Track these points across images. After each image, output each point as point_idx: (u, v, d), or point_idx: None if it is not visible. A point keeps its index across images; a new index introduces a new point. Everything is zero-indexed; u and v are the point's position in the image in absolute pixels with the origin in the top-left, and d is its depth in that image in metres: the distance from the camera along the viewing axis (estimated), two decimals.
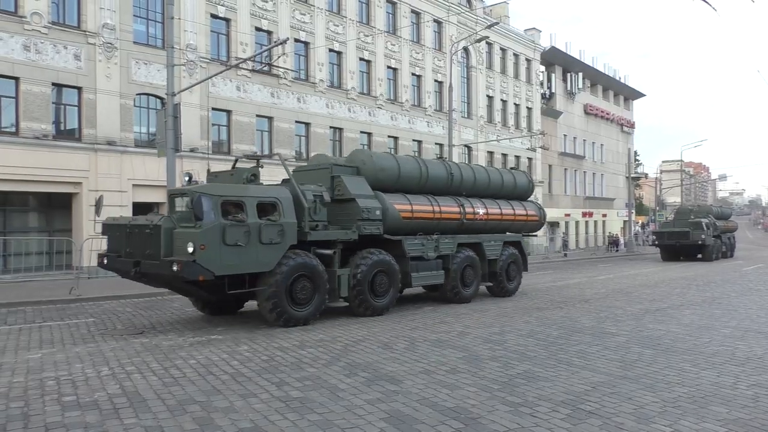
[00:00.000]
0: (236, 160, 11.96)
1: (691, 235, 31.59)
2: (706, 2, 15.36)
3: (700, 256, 32.19)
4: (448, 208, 13.36)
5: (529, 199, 16.70)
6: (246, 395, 5.92)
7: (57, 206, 20.27)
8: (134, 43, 20.86)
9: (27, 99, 18.25)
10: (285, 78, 25.38)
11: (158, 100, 21.27)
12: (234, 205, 9.50)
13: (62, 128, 19.63)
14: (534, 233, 17.38)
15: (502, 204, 15.00)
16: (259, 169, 10.92)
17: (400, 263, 12.00)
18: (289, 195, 10.24)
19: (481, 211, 14.17)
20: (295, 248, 10.09)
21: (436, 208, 12.98)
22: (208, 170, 12.18)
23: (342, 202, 11.50)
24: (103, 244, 10.84)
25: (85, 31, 19.65)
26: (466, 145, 35.93)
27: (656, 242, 33.79)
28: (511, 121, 40.72)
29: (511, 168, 17.07)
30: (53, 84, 19.00)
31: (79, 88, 19.58)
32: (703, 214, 35.20)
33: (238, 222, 9.29)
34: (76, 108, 19.62)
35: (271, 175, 15.21)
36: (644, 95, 62.50)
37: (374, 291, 11.32)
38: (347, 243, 11.28)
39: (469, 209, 13.85)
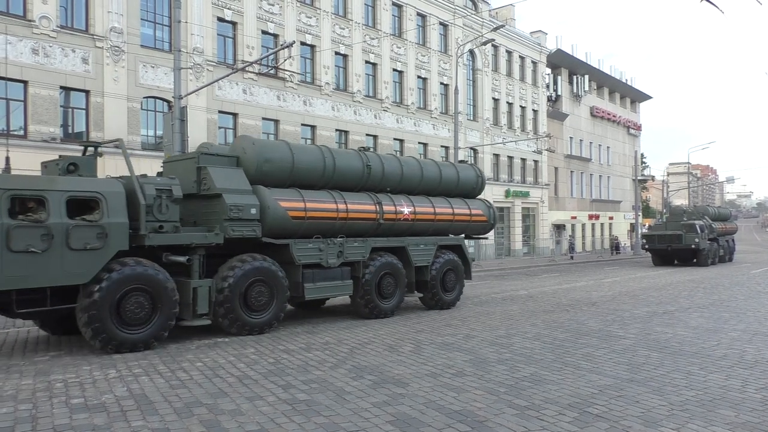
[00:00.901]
0: (85, 148, 9.66)
1: (684, 238, 29.08)
2: (713, 4, 15.30)
3: (695, 260, 30.05)
4: (360, 206, 11.34)
5: (479, 197, 14.82)
6: (252, 398, 5.93)
7: None
8: (141, 46, 20.96)
9: (35, 102, 18.37)
10: (291, 81, 25.45)
11: (165, 103, 21.37)
12: (34, 202, 7.78)
13: (70, 131, 19.72)
14: (483, 236, 15.16)
15: (437, 202, 13.04)
16: (98, 158, 9.29)
17: (289, 272, 10.27)
18: (121, 190, 8.45)
19: (407, 210, 12.15)
20: (133, 255, 8.44)
21: (342, 206, 10.98)
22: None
23: (210, 198, 9.73)
24: None
25: (93, 35, 19.77)
26: (472, 148, 35.92)
27: (646, 246, 31.17)
28: (517, 124, 40.67)
29: (461, 161, 15.22)
30: (61, 87, 19.12)
31: (87, 92, 19.70)
32: (698, 216, 32.55)
33: (32, 222, 7.56)
34: (84, 111, 19.73)
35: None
36: (651, 97, 62.32)
37: (249, 305, 9.54)
38: (219, 249, 9.60)
39: (389, 208, 11.81)
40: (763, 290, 17.04)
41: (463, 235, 14.17)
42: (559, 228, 45.31)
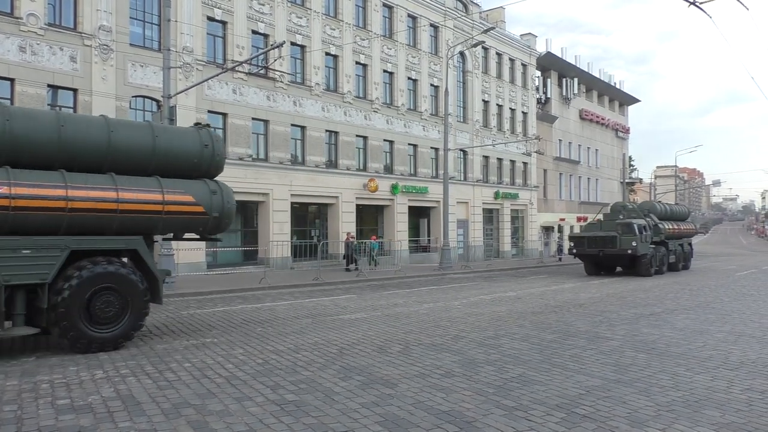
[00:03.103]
0: None
1: (620, 242, 23.54)
2: (701, 9, 15.46)
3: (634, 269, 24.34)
4: None
5: (216, 177, 10.04)
6: (241, 398, 5.91)
7: None
8: (130, 45, 20.85)
9: (22, 100, 18.19)
10: (281, 81, 25.40)
11: (154, 102, 21.26)
12: None
13: None
14: (211, 237, 10.22)
15: (81, 180, 8.24)
16: None
17: None
18: None
19: None
20: None
21: None
22: None
23: None
24: None
25: (81, 33, 19.64)
26: (461, 150, 36.02)
27: (574, 251, 25.23)
28: (506, 126, 40.85)
29: (197, 124, 10.46)
30: (49, 86, 18.97)
31: (75, 90, 19.55)
32: (641, 213, 26.30)
33: None
34: (72, 110, 19.56)
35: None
36: (639, 101, 62.85)
37: None
38: None
39: None
40: (748, 292, 17.22)
41: (141, 236, 8.99)
42: (547, 230, 45.54)
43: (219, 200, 9.53)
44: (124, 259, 8.87)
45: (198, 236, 10.14)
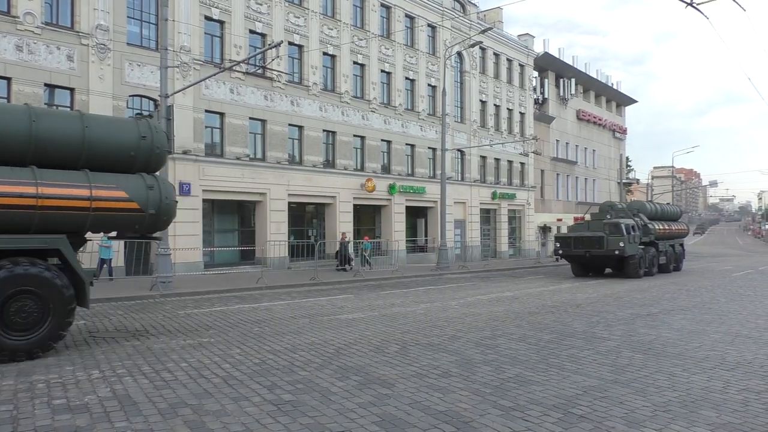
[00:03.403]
0: None
1: (607, 242, 22.72)
2: (698, 10, 15.49)
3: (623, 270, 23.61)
4: None
5: (156, 172, 9.39)
6: (238, 398, 5.91)
7: None
8: (128, 44, 20.80)
9: (19, 100, 18.13)
10: (278, 81, 25.38)
11: (151, 101, 21.22)
12: None
13: None
14: (149, 236, 9.81)
15: None
16: None
17: None
18: None
19: None
20: None
21: None
22: None
23: None
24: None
25: (78, 32, 19.59)
26: (459, 150, 36.04)
27: (560, 252, 24.52)
28: (503, 126, 40.89)
29: (138, 114, 10.21)
30: (46, 85, 18.92)
31: (72, 89, 19.51)
32: (629, 213, 25.37)
33: None
34: (69, 109, 19.52)
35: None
36: (636, 101, 62.96)
37: None
38: None
39: None
40: (744, 293, 17.26)
41: (64, 235, 8.18)
42: (544, 230, 45.59)
43: (156, 196, 8.85)
44: (56, 260, 8.21)
45: (137, 235, 9.49)
